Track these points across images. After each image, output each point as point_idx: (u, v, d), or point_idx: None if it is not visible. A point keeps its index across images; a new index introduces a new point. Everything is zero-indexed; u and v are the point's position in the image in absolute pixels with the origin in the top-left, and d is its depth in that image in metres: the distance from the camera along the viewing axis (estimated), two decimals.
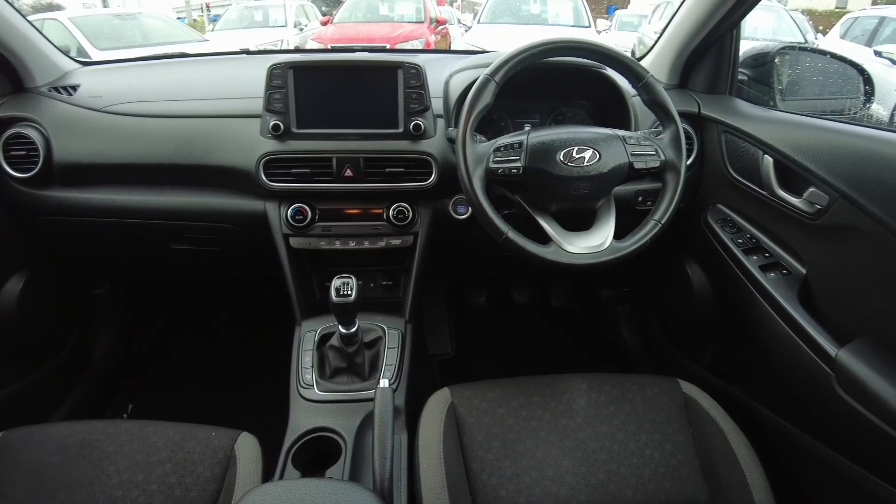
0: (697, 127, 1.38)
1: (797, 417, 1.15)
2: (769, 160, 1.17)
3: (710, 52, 1.39)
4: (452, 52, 3.79)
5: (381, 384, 0.94)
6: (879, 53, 5.88)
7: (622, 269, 1.90)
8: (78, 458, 0.98)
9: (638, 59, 1.52)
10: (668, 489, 0.98)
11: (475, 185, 1.03)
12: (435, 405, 1.07)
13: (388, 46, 6.38)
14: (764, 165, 1.18)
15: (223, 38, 7.98)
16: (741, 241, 1.26)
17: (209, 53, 2.87)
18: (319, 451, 1.02)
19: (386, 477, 0.81)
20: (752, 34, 6.58)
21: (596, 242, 1.05)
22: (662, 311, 1.74)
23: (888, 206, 0.92)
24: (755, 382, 1.29)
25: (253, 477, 0.93)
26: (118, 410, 1.75)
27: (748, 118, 1.27)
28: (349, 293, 1.02)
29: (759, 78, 1.43)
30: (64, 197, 1.32)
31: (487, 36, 6.73)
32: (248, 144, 1.24)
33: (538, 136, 1.05)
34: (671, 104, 1.09)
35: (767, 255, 1.21)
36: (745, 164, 1.25)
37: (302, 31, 9.00)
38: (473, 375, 1.17)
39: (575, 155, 1.03)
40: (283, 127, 1.21)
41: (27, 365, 1.45)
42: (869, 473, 0.97)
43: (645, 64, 1.42)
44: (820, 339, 1.02)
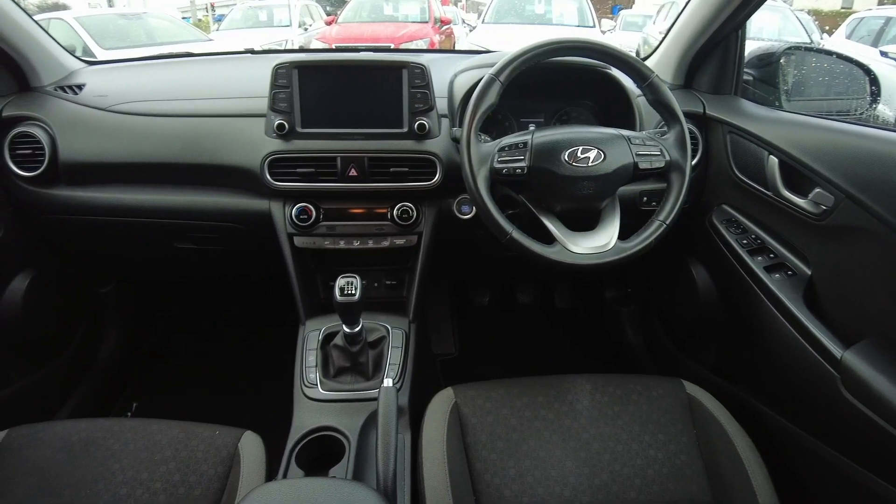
0: (702, 127, 1.37)
1: (802, 419, 1.14)
2: (774, 161, 1.16)
3: (715, 52, 1.38)
4: (457, 51, 3.79)
5: (384, 384, 0.94)
6: (886, 54, 5.86)
7: (627, 269, 1.90)
8: (82, 456, 0.98)
9: (643, 59, 1.52)
10: (671, 490, 0.98)
11: (479, 184, 1.03)
12: (438, 405, 1.07)
13: (392, 46, 6.40)
14: (769, 166, 1.18)
15: (228, 37, 8.00)
16: (746, 241, 1.26)
17: (214, 53, 2.88)
18: (323, 450, 1.02)
19: (389, 476, 0.81)
20: (757, 34, 6.57)
21: (600, 243, 1.05)
22: (667, 311, 1.74)
23: (894, 206, 0.92)
24: (760, 384, 1.29)
25: (256, 476, 0.94)
26: (123, 409, 1.75)
27: (753, 118, 1.26)
28: (353, 292, 1.02)
29: (764, 78, 1.42)
30: (69, 196, 1.33)
31: (492, 36, 6.73)
32: (252, 144, 1.25)
33: (543, 135, 1.05)
34: (676, 104, 1.09)
35: (772, 255, 1.20)
36: (750, 164, 1.25)
37: (306, 30, 9.01)
38: (477, 375, 1.17)
39: (580, 155, 1.03)
40: (287, 126, 1.21)
41: (32, 363, 1.46)
42: (874, 475, 0.96)
43: (650, 64, 1.42)
44: (825, 340, 1.02)
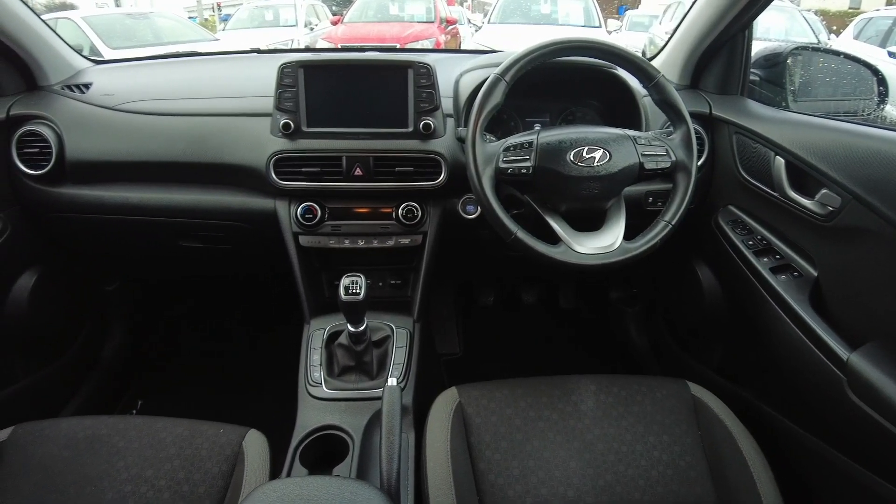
0: (708, 128, 1.37)
1: (807, 421, 1.14)
2: (781, 161, 1.16)
3: (721, 52, 1.38)
4: (462, 51, 3.79)
5: (388, 383, 0.94)
6: (894, 54, 5.83)
7: (632, 269, 1.89)
8: (88, 453, 0.99)
9: (649, 59, 1.52)
10: (675, 491, 0.98)
11: (485, 184, 1.03)
12: (442, 404, 1.07)
13: (398, 46, 6.40)
14: (775, 167, 1.17)
15: (234, 37, 8.03)
16: (752, 242, 1.25)
17: (220, 52, 2.89)
18: (327, 448, 1.02)
19: (393, 475, 0.81)
20: (764, 35, 6.54)
21: (606, 243, 1.04)
22: (672, 312, 1.73)
23: None
24: (765, 385, 1.28)
25: (260, 474, 0.94)
26: (128, 407, 1.76)
27: (760, 119, 1.26)
28: (358, 292, 1.02)
29: (771, 79, 1.42)
30: (76, 194, 1.33)
31: (498, 36, 6.73)
32: (258, 143, 1.25)
33: (548, 135, 1.05)
34: (682, 104, 1.09)
35: (778, 257, 1.20)
36: (756, 165, 1.24)
37: (312, 30, 9.03)
38: (481, 375, 1.17)
39: (585, 155, 1.03)
40: (293, 126, 1.22)
41: (38, 360, 1.47)
42: (880, 478, 0.96)
43: (656, 64, 1.41)
44: (831, 342, 1.01)
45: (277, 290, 2.01)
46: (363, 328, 1.11)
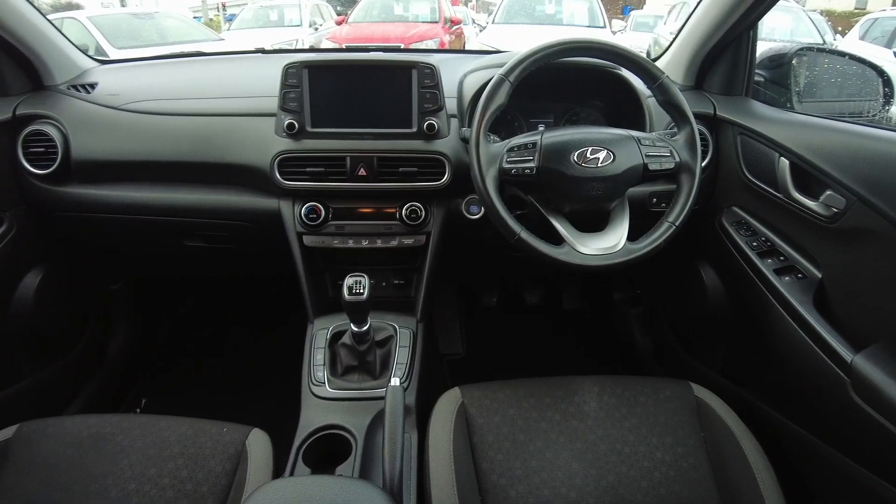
0: (713, 128, 1.37)
1: (811, 423, 1.13)
2: (785, 162, 1.16)
3: (726, 53, 1.37)
4: (467, 51, 3.79)
5: (391, 383, 0.94)
6: None
7: (635, 271, 1.89)
8: (92, 451, 0.99)
9: (653, 59, 1.51)
10: (678, 493, 0.98)
11: (488, 185, 1.03)
12: (445, 405, 1.07)
13: (402, 46, 6.40)
14: (780, 168, 1.17)
15: (239, 37, 8.04)
16: (756, 244, 1.25)
17: (225, 52, 2.90)
18: (330, 448, 1.02)
19: (396, 475, 0.81)
20: (769, 35, 6.52)
21: (609, 244, 1.04)
22: (675, 313, 1.73)
23: None
24: (769, 387, 1.28)
25: (263, 473, 0.94)
26: (132, 405, 1.77)
27: (764, 120, 1.25)
28: (361, 292, 1.02)
29: (776, 79, 1.41)
30: (81, 193, 1.34)
31: (502, 36, 6.73)
32: (262, 143, 1.25)
33: (552, 136, 1.05)
34: (686, 105, 1.09)
35: (783, 258, 1.19)
36: (760, 166, 1.24)
37: (317, 30, 9.03)
38: (484, 376, 1.17)
39: (589, 156, 1.02)
40: (297, 126, 1.22)
41: (43, 358, 1.47)
42: (883, 481, 0.95)
43: (660, 65, 1.41)
44: (835, 344, 1.01)
45: (281, 289, 2.02)
46: (366, 328, 1.11)
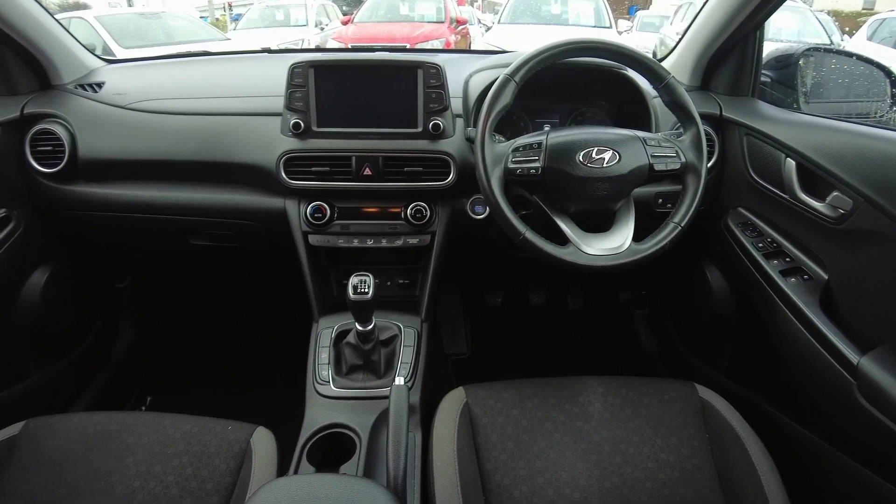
0: (719, 129, 1.36)
1: (817, 425, 1.13)
2: (792, 163, 1.15)
3: (732, 53, 1.37)
4: (472, 51, 3.79)
5: (396, 382, 0.94)
6: None
7: (641, 271, 1.89)
8: (97, 448, 0.99)
9: (659, 60, 1.51)
10: (682, 494, 0.98)
11: (493, 184, 1.03)
12: (449, 404, 1.07)
13: (408, 46, 6.40)
14: (786, 169, 1.16)
15: (245, 36, 8.05)
16: (762, 245, 1.25)
17: (231, 52, 2.91)
18: (334, 447, 1.02)
19: (400, 474, 0.81)
20: (776, 35, 6.49)
21: (615, 244, 1.04)
22: (680, 314, 1.73)
23: None
24: (774, 389, 1.27)
25: (268, 471, 0.94)
26: (137, 403, 1.78)
27: (771, 120, 1.25)
28: (366, 291, 1.02)
29: (782, 80, 1.41)
30: (88, 192, 1.35)
31: (508, 36, 6.72)
32: (268, 142, 1.26)
33: (557, 136, 1.05)
34: (692, 106, 1.08)
35: (788, 259, 1.19)
36: (766, 167, 1.23)
37: (323, 30, 9.05)
38: (488, 376, 1.17)
39: (594, 156, 1.02)
40: (303, 125, 1.22)
41: (50, 356, 1.48)
42: (889, 484, 0.95)
43: (666, 65, 1.40)
44: (841, 346, 1.01)
45: (286, 288, 2.02)
46: (371, 327, 1.11)
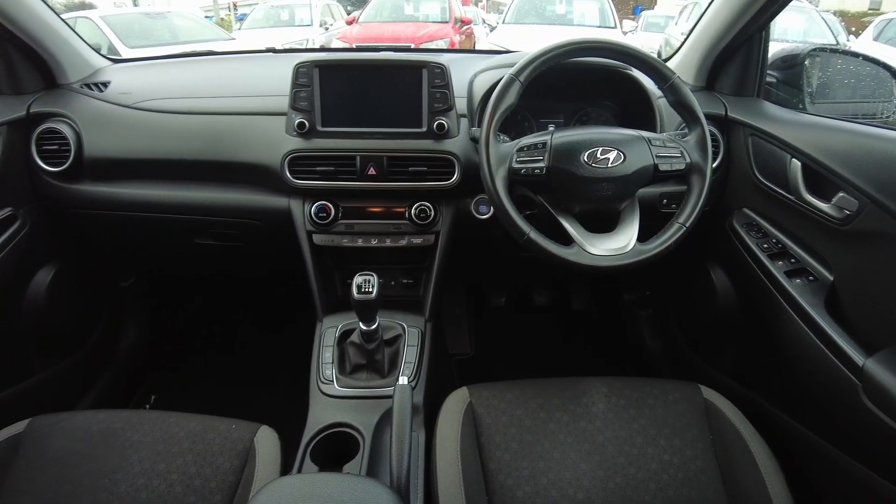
0: (724, 129, 1.36)
1: (821, 427, 1.13)
2: (797, 164, 1.15)
3: (738, 53, 1.37)
4: (477, 51, 3.78)
5: (400, 381, 0.94)
6: None
7: (645, 272, 1.88)
8: (102, 446, 1.00)
9: (664, 60, 1.50)
10: (686, 495, 0.97)
11: (498, 184, 1.03)
12: (453, 404, 1.07)
13: (412, 46, 6.41)
14: (792, 169, 1.16)
15: (250, 36, 8.08)
16: (767, 245, 1.24)
17: (236, 52, 2.91)
18: (338, 446, 1.02)
19: (403, 474, 0.81)
20: (781, 36, 6.47)
21: (619, 244, 1.04)
22: (685, 315, 1.72)
23: None
24: (778, 390, 1.27)
25: (271, 470, 0.94)
26: (141, 401, 1.78)
27: (776, 121, 1.25)
28: (370, 290, 1.03)
29: (788, 80, 1.40)
30: (93, 191, 1.35)
31: (512, 36, 6.72)
32: (273, 142, 1.26)
33: (562, 136, 1.05)
34: (697, 106, 1.08)
35: (794, 260, 1.18)
36: (772, 167, 1.23)
37: (327, 30, 9.06)
38: (492, 376, 1.17)
39: (599, 156, 1.02)
40: (308, 125, 1.22)
41: (55, 354, 1.49)
42: (894, 486, 0.94)
43: (671, 65, 1.40)
44: (847, 347, 1.00)
45: (290, 287, 2.02)
46: (375, 327, 1.11)
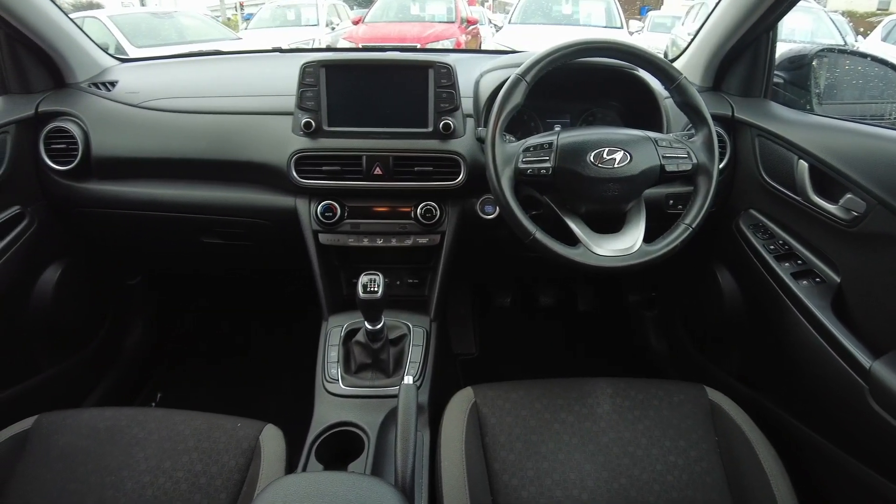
0: (731, 130, 1.35)
1: (828, 429, 1.12)
2: (804, 165, 1.14)
3: (745, 54, 1.36)
4: (483, 51, 3.78)
5: (405, 381, 0.94)
6: None
7: (651, 273, 1.88)
8: (108, 443, 1.00)
9: (671, 60, 1.50)
10: (691, 497, 0.97)
11: (504, 185, 1.03)
12: (458, 404, 1.07)
13: (418, 46, 6.41)
14: (799, 170, 1.15)
15: (256, 36, 8.10)
16: (773, 247, 1.24)
17: (242, 51, 2.92)
18: (342, 445, 1.03)
19: (408, 473, 0.81)
20: (789, 36, 6.44)
21: (625, 245, 1.04)
22: (691, 316, 1.72)
23: None
24: (785, 392, 1.26)
25: (276, 468, 0.95)
26: (147, 399, 1.79)
27: (783, 122, 1.24)
28: (376, 290, 1.03)
29: (795, 81, 1.40)
30: (101, 189, 1.36)
31: (518, 36, 6.71)
32: (279, 141, 1.26)
33: (568, 136, 1.05)
34: (704, 106, 1.08)
35: (800, 262, 1.18)
36: (779, 168, 1.23)
37: (334, 30, 9.08)
38: (497, 376, 1.17)
39: (605, 156, 1.02)
40: (314, 125, 1.23)
41: (62, 352, 1.50)
42: None
43: (678, 65, 1.40)
44: (853, 349, 1.00)
45: (295, 287, 2.03)
46: (380, 326, 1.12)
